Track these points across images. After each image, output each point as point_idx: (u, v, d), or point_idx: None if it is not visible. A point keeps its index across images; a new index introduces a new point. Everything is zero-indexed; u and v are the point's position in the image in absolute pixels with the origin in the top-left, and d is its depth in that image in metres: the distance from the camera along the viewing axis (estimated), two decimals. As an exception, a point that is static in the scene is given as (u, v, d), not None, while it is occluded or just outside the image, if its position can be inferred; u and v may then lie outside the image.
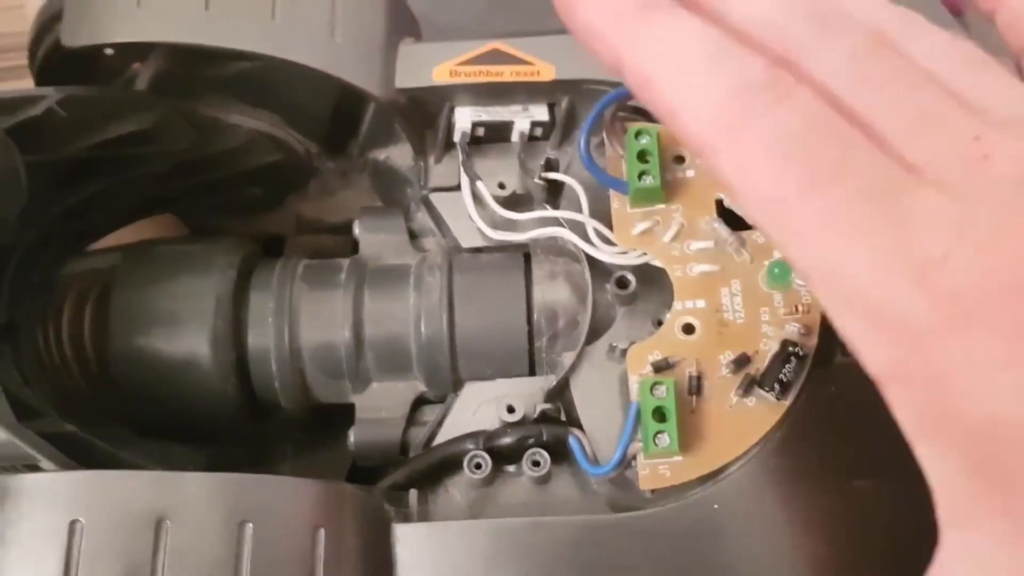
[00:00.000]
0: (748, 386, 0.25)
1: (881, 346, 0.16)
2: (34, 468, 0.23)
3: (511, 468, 0.27)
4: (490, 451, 0.27)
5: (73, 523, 0.21)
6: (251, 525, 0.22)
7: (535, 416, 0.27)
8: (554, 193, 0.30)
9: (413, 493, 0.27)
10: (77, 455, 0.24)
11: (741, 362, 0.26)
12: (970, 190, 0.15)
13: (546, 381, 0.28)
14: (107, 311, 0.28)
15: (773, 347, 0.26)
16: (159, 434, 0.29)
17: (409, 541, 0.25)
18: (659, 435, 0.25)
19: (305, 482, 0.24)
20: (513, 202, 0.30)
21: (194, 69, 0.28)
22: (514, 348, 0.29)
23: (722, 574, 0.25)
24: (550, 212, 0.29)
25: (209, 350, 0.28)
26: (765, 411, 0.25)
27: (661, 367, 0.26)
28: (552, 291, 0.29)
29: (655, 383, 0.25)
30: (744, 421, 0.25)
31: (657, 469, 0.25)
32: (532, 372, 0.29)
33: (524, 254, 0.30)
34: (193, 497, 0.22)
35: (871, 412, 0.26)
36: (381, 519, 0.25)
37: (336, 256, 0.30)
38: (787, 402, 0.25)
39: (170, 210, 0.33)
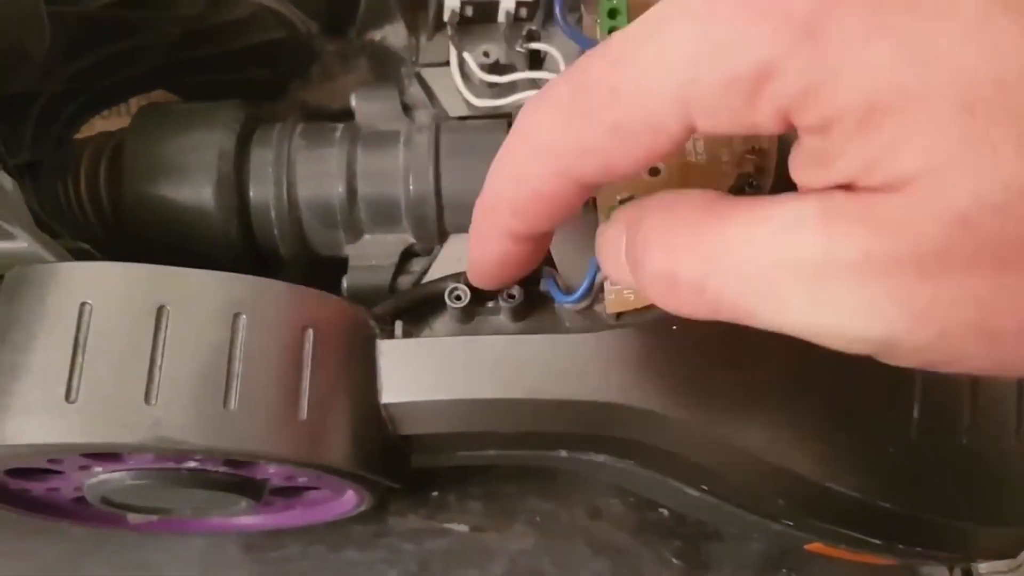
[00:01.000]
0: None
1: (761, 40, 0.16)
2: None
3: (490, 304, 0.29)
4: (470, 288, 0.29)
5: (83, 305, 0.24)
6: (245, 317, 0.25)
7: (512, 255, 0.29)
8: (535, 65, 0.32)
9: (399, 323, 0.29)
10: (88, 265, 0.26)
11: None
12: None
13: (526, 231, 0.30)
14: (120, 164, 0.31)
15: (731, 184, 0.28)
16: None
17: (392, 354, 0.27)
18: None
19: (297, 286, 0.26)
20: (497, 71, 0.32)
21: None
22: (496, 202, 0.31)
23: (678, 387, 0.26)
24: (529, 73, 0.31)
25: (213, 195, 0.30)
26: None
27: None
28: (531, 148, 0.31)
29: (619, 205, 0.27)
30: None
31: (622, 294, 0.27)
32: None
33: (507, 122, 0.32)
34: (193, 288, 0.25)
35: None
36: (367, 333, 0.27)
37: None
38: None
39: (178, 91, 0.35)
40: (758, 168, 0.27)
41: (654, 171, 0.28)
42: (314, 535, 0.33)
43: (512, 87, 0.32)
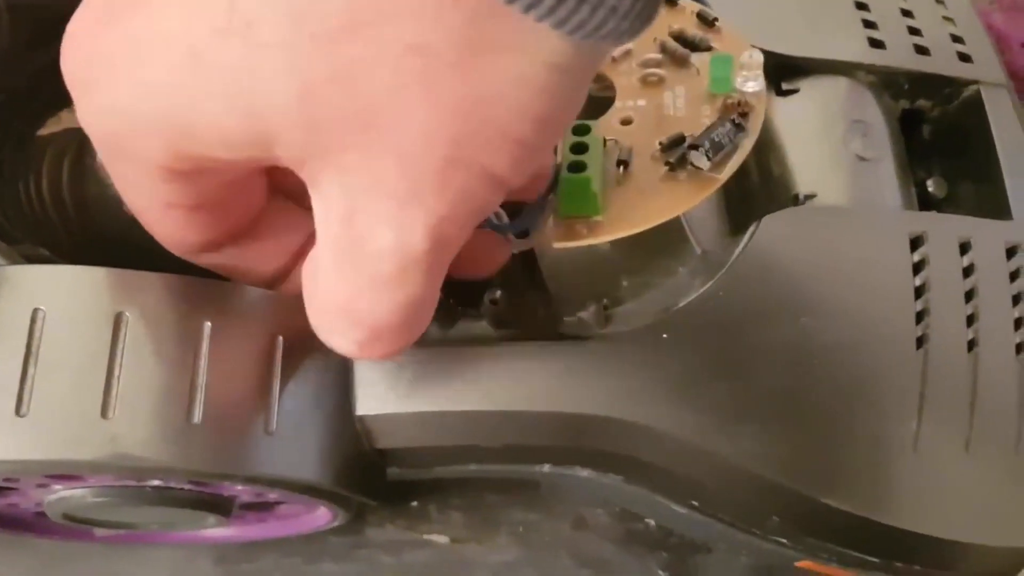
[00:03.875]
0: (680, 159, 0.24)
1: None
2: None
3: (472, 311, 0.28)
4: (452, 292, 0.27)
5: (35, 311, 0.22)
6: (210, 324, 0.23)
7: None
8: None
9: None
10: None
11: (676, 142, 0.24)
12: None
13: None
14: (84, 163, 0.29)
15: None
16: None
17: (368, 363, 0.26)
18: (579, 168, 0.23)
19: (266, 292, 0.24)
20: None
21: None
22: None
23: (668, 399, 0.25)
24: None
25: (181, 194, 0.29)
26: (695, 185, 0.24)
27: None
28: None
29: (583, 126, 0.24)
30: (673, 191, 0.24)
31: (573, 226, 0.24)
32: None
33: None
34: (154, 294, 0.23)
35: (818, 256, 0.27)
36: (341, 340, 0.26)
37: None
38: (720, 176, 0.24)
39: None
40: (743, 114, 0.24)
41: (627, 121, 0.26)
42: (289, 547, 0.32)
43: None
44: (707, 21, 0.27)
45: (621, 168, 0.24)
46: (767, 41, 0.28)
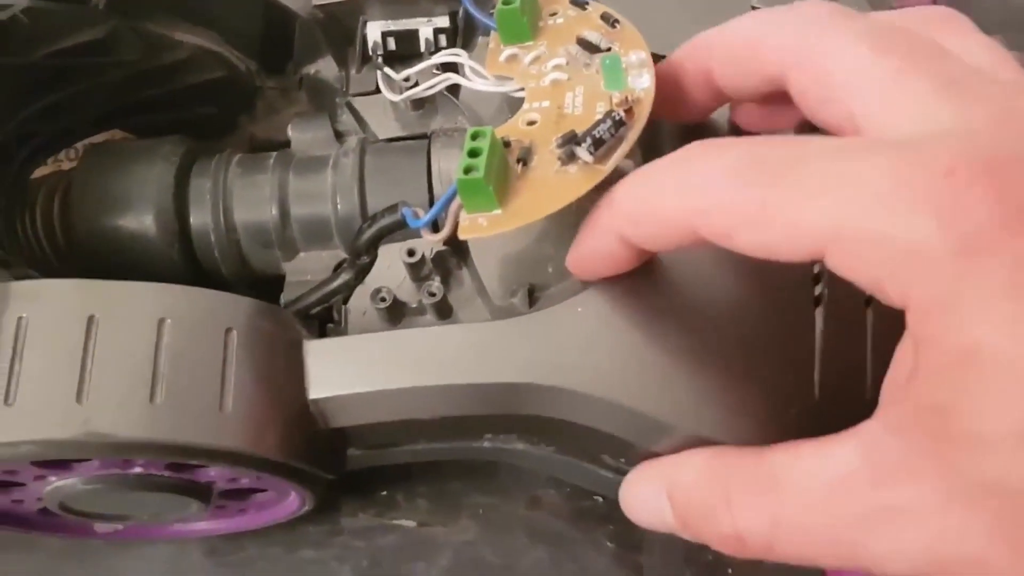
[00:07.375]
0: (570, 154, 0.26)
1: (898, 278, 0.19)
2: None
3: (414, 305, 0.31)
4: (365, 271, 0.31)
5: (20, 319, 0.26)
6: (170, 321, 0.27)
7: (432, 257, 0.31)
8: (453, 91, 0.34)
9: (329, 327, 0.31)
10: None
11: (568, 139, 0.26)
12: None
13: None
14: (71, 197, 0.33)
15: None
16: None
17: (318, 352, 0.29)
18: (472, 171, 0.25)
19: (221, 292, 0.28)
20: (419, 103, 0.34)
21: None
22: (418, 213, 0.33)
23: (584, 362, 0.28)
24: (436, 59, 0.33)
25: (154, 223, 0.33)
26: (583, 176, 0.26)
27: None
28: (448, 160, 0.33)
29: (479, 132, 0.26)
30: (563, 183, 0.26)
31: (476, 220, 0.26)
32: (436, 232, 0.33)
33: (427, 142, 0.34)
34: (120, 299, 0.27)
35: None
36: (292, 334, 0.29)
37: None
38: (605, 167, 0.26)
39: (129, 128, 0.38)
40: (627, 106, 0.27)
41: (531, 123, 0.28)
42: (271, 537, 0.35)
43: (434, 111, 0.34)
44: (610, 23, 0.30)
45: (520, 165, 0.27)
46: (661, 44, 0.31)
